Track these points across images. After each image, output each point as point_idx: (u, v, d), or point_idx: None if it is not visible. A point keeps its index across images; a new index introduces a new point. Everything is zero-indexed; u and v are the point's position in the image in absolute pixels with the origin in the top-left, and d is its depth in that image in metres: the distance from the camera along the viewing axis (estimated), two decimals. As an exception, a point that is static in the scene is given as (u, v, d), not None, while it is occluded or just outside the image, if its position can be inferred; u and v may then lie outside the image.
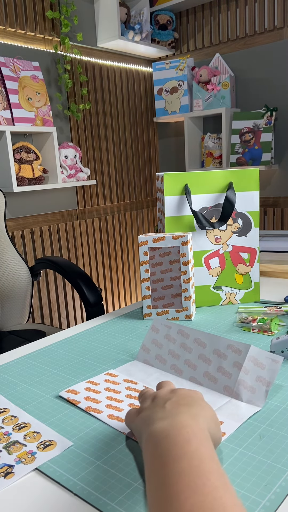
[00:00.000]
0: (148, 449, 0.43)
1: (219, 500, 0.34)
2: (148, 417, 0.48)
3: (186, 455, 0.39)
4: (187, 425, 0.43)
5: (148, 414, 0.48)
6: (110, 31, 2.49)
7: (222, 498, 0.34)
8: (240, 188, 1.00)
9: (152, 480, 0.39)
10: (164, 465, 0.39)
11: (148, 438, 0.44)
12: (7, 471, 0.50)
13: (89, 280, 1.44)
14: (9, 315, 1.55)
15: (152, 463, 0.40)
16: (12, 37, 2.17)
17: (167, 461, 0.39)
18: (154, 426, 0.45)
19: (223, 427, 0.55)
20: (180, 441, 0.41)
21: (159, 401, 0.49)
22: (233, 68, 2.63)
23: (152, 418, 0.46)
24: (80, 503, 0.45)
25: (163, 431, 0.43)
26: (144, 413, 0.50)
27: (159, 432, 0.43)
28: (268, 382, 0.60)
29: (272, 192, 2.62)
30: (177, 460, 0.38)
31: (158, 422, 0.45)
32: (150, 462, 0.41)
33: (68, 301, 2.59)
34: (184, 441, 0.40)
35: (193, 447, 0.40)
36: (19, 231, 2.29)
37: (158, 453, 0.40)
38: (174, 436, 0.41)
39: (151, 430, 0.44)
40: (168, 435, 0.42)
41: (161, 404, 0.48)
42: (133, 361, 0.76)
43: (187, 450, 0.39)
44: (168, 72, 2.69)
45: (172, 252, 0.93)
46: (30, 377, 0.72)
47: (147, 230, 3.08)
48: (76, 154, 2.43)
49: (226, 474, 0.38)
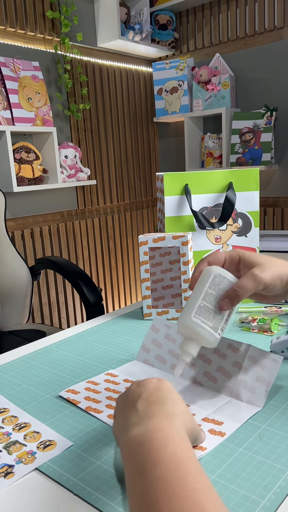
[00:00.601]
0: (125, 458, 0.42)
1: (198, 503, 0.33)
2: (122, 423, 0.47)
3: (163, 460, 0.38)
4: (162, 429, 0.42)
5: (122, 419, 0.47)
6: (110, 31, 2.49)
7: (201, 500, 0.34)
8: (240, 188, 1.00)
9: (131, 489, 0.38)
10: (142, 472, 0.38)
11: (125, 446, 0.43)
12: (7, 471, 0.50)
13: (89, 280, 1.44)
14: (9, 315, 1.55)
15: (130, 471, 0.40)
16: (12, 37, 2.17)
17: (144, 468, 0.38)
18: (129, 433, 0.44)
19: (223, 427, 0.55)
20: (156, 447, 0.40)
21: (129, 400, 0.48)
22: (233, 68, 2.63)
23: (127, 425, 0.45)
24: (80, 503, 0.45)
25: (138, 438, 0.42)
26: (117, 418, 0.49)
27: (135, 439, 0.42)
28: (268, 382, 0.60)
29: (272, 192, 2.62)
30: (153, 467, 0.38)
31: (132, 429, 0.44)
32: (128, 471, 0.40)
33: (68, 301, 2.59)
34: (159, 446, 0.40)
35: (169, 451, 0.39)
36: (19, 231, 2.29)
37: (135, 461, 0.40)
38: (149, 442, 0.40)
39: (127, 438, 0.43)
40: (144, 442, 0.41)
41: (133, 405, 0.47)
42: (133, 361, 0.76)
43: (163, 455, 0.39)
44: (168, 72, 2.69)
45: (172, 252, 0.93)
46: (30, 377, 0.72)
47: (147, 230, 3.08)
48: (76, 154, 2.43)
49: (205, 474, 0.37)
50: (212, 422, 0.56)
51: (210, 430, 0.54)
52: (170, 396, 0.47)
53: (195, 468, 0.37)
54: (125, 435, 0.44)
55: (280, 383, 0.65)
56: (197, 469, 0.37)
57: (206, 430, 0.54)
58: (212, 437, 0.53)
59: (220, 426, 0.55)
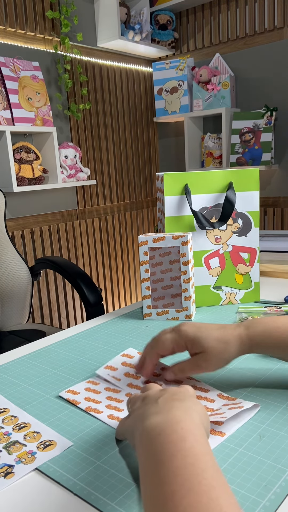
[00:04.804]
0: (142, 447, 0.41)
1: (215, 501, 0.33)
2: (140, 414, 0.46)
3: (181, 453, 0.37)
4: (181, 420, 0.41)
5: (140, 412, 0.47)
6: (110, 31, 2.49)
7: (218, 498, 0.33)
8: (240, 188, 1.00)
9: (147, 479, 0.38)
10: (159, 463, 0.37)
11: (141, 435, 0.43)
12: (7, 471, 0.50)
13: (89, 280, 1.44)
14: (9, 315, 1.55)
15: (147, 461, 0.39)
16: (12, 37, 2.17)
17: (161, 459, 0.38)
18: (148, 421, 0.43)
19: (223, 427, 0.55)
20: (174, 438, 0.39)
21: (150, 399, 0.47)
22: (233, 68, 2.63)
23: (145, 414, 0.45)
24: (80, 503, 0.45)
25: (157, 427, 0.41)
26: (135, 412, 0.48)
27: (153, 429, 0.41)
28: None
29: (272, 192, 2.62)
30: (171, 458, 0.37)
31: (151, 417, 0.43)
32: (144, 460, 0.40)
33: (68, 301, 2.59)
34: (178, 438, 0.39)
35: (188, 444, 0.39)
36: (19, 231, 2.29)
37: (153, 451, 0.39)
38: (168, 433, 0.40)
39: (145, 426, 0.43)
40: (162, 432, 0.40)
41: (153, 401, 0.46)
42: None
43: (182, 448, 0.38)
44: (168, 72, 2.69)
45: (172, 252, 0.93)
46: (30, 377, 0.72)
47: (147, 230, 3.08)
48: (76, 154, 2.43)
49: (221, 471, 0.37)
50: (212, 422, 0.56)
51: (210, 430, 0.54)
52: (191, 397, 0.47)
53: (212, 464, 0.37)
54: (142, 424, 0.44)
55: (280, 383, 0.65)
56: (214, 465, 0.37)
57: (206, 430, 0.54)
58: (212, 437, 0.53)
59: (220, 426, 0.55)
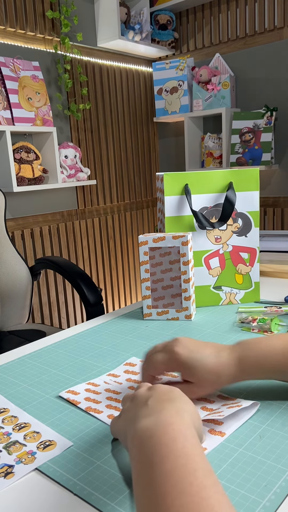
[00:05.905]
0: (134, 449, 0.42)
1: (207, 500, 0.33)
2: (131, 416, 0.46)
3: (172, 454, 0.38)
4: (173, 422, 0.42)
5: (131, 414, 0.47)
6: (110, 31, 2.49)
7: (210, 498, 0.34)
8: (240, 188, 1.00)
9: (139, 481, 0.38)
10: (151, 465, 0.38)
11: (133, 437, 0.43)
12: (7, 471, 0.50)
13: (89, 280, 1.44)
14: (9, 315, 1.55)
15: (139, 463, 0.40)
16: (12, 37, 2.17)
17: (153, 461, 0.38)
18: (139, 424, 0.43)
19: (223, 427, 0.55)
20: (165, 439, 0.40)
21: (140, 400, 0.48)
22: (233, 68, 2.63)
23: (136, 416, 0.45)
24: (80, 503, 0.45)
25: (148, 430, 0.41)
26: (126, 414, 0.48)
27: (144, 431, 0.42)
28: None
29: (272, 192, 2.62)
30: (163, 460, 0.37)
31: (142, 420, 0.43)
32: (137, 463, 0.40)
33: (68, 301, 2.59)
34: (169, 439, 0.39)
35: (179, 445, 0.39)
36: (19, 231, 2.29)
37: (144, 453, 0.40)
38: (159, 435, 0.40)
39: (136, 429, 0.43)
40: (154, 434, 0.41)
41: (143, 402, 0.47)
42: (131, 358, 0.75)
43: (173, 449, 0.38)
44: (168, 72, 2.69)
45: (172, 252, 0.93)
46: (30, 377, 0.72)
47: (147, 230, 3.08)
48: (76, 154, 2.43)
49: (213, 471, 0.37)
50: (212, 422, 0.56)
51: (210, 430, 0.54)
52: (181, 397, 0.47)
53: (203, 464, 0.37)
54: (133, 426, 0.44)
55: (280, 383, 0.65)
56: (206, 465, 0.37)
57: (206, 430, 0.54)
58: (212, 437, 0.53)
59: (220, 426, 0.55)
